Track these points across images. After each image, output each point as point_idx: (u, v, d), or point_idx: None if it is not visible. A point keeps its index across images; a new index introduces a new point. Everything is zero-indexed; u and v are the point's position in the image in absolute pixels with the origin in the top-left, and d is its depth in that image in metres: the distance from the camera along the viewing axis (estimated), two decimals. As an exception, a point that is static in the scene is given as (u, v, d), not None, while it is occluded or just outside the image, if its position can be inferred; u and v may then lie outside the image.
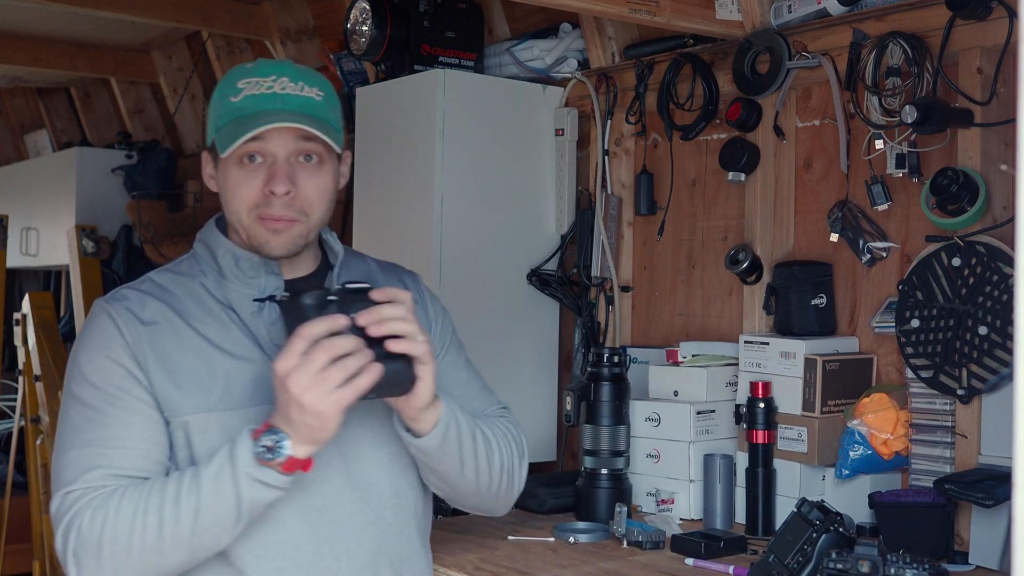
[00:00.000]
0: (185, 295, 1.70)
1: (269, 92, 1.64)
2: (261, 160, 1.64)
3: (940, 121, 2.17)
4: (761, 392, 2.42)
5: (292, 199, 1.65)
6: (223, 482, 1.51)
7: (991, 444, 2.15)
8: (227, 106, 1.65)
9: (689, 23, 2.61)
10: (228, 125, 1.64)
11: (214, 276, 1.71)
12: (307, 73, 1.70)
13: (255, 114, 1.62)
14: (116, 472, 1.57)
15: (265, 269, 1.70)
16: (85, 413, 1.61)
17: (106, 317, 1.66)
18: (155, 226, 4.88)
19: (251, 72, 1.67)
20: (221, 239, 1.73)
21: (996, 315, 2.13)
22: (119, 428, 1.59)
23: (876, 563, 1.69)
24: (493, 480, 1.77)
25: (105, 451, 1.58)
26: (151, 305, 1.68)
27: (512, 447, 1.81)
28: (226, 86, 1.68)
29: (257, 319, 1.68)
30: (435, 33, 3.09)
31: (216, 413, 1.62)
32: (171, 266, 1.78)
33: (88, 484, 1.56)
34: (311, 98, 1.66)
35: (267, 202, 1.64)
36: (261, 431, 1.51)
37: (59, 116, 6.19)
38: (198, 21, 4.27)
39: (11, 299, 5.39)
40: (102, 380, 1.62)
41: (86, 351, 1.65)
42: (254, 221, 1.65)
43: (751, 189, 2.69)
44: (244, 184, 1.65)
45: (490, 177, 2.99)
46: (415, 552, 1.75)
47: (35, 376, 4.73)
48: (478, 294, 2.95)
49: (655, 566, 2.15)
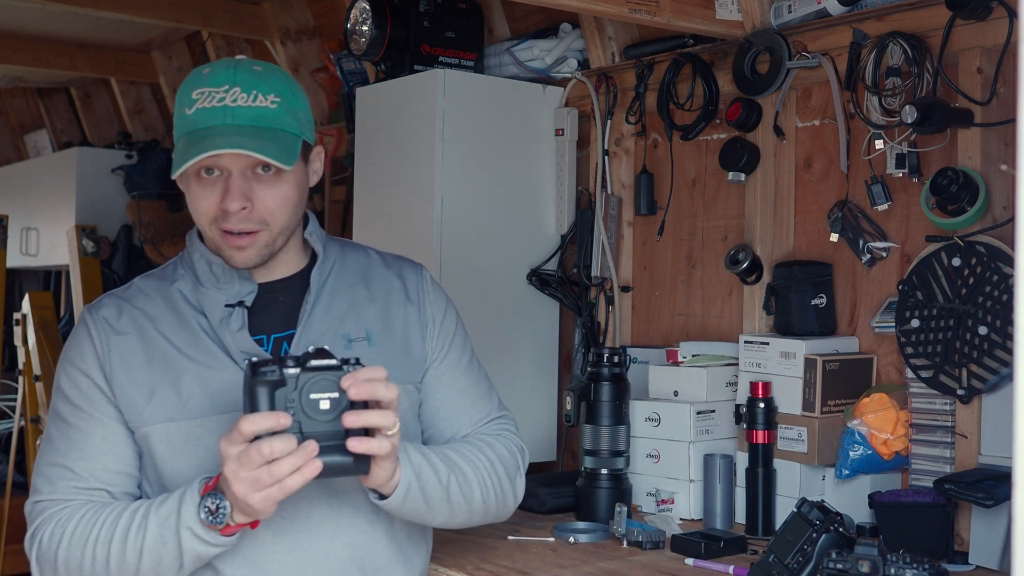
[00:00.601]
0: (162, 300, 1.72)
1: (220, 105, 1.60)
2: (218, 173, 1.63)
3: (940, 121, 2.17)
4: (761, 392, 2.42)
5: (249, 213, 1.63)
6: (167, 530, 1.53)
7: (991, 444, 2.14)
8: (182, 118, 1.64)
9: (689, 23, 2.61)
10: (182, 139, 1.63)
11: (191, 281, 1.72)
12: (263, 78, 1.64)
13: (205, 130, 1.59)
14: (78, 484, 1.62)
15: (238, 275, 1.70)
16: (57, 424, 1.68)
17: (83, 327, 1.70)
18: (155, 226, 4.88)
19: (206, 80, 1.63)
20: (198, 244, 1.74)
21: (996, 315, 2.13)
22: (81, 440, 1.64)
23: (876, 563, 1.69)
24: (474, 512, 1.75)
25: (69, 463, 1.63)
26: (126, 313, 1.70)
27: (500, 471, 1.77)
28: (183, 94, 1.65)
29: (224, 326, 1.67)
30: (435, 33, 3.09)
31: (179, 423, 1.63)
32: (158, 270, 1.80)
33: (53, 496, 1.62)
34: (264, 108, 1.61)
35: (224, 216, 1.63)
36: (210, 488, 1.51)
37: (59, 116, 6.19)
38: (198, 21, 4.28)
39: (11, 299, 5.38)
40: (72, 392, 1.67)
41: (63, 363, 1.70)
42: (217, 234, 1.65)
43: (751, 189, 2.69)
44: (202, 198, 1.64)
45: (490, 177, 2.99)
46: (393, 560, 1.72)
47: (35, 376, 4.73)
48: (478, 294, 2.95)
49: (655, 566, 2.15)
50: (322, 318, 1.73)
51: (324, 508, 1.66)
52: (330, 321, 1.73)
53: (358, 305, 1.77)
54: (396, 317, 1.79)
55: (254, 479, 1.44)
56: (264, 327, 1.71)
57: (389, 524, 1.71)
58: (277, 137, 1.61)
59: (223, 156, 1.59)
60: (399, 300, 1.81)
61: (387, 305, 1.79)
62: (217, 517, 1.49)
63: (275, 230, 1.66)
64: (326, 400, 1.46)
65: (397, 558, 1.73)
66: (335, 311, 1.74)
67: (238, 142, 1.57)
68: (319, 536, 1.65)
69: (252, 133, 1.59)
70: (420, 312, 1.81)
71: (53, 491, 1.63)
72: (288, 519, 1.64)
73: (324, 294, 1.75)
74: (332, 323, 1.73)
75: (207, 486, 1.52)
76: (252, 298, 1.70)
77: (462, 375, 1.84)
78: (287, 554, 1.64)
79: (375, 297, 1.79)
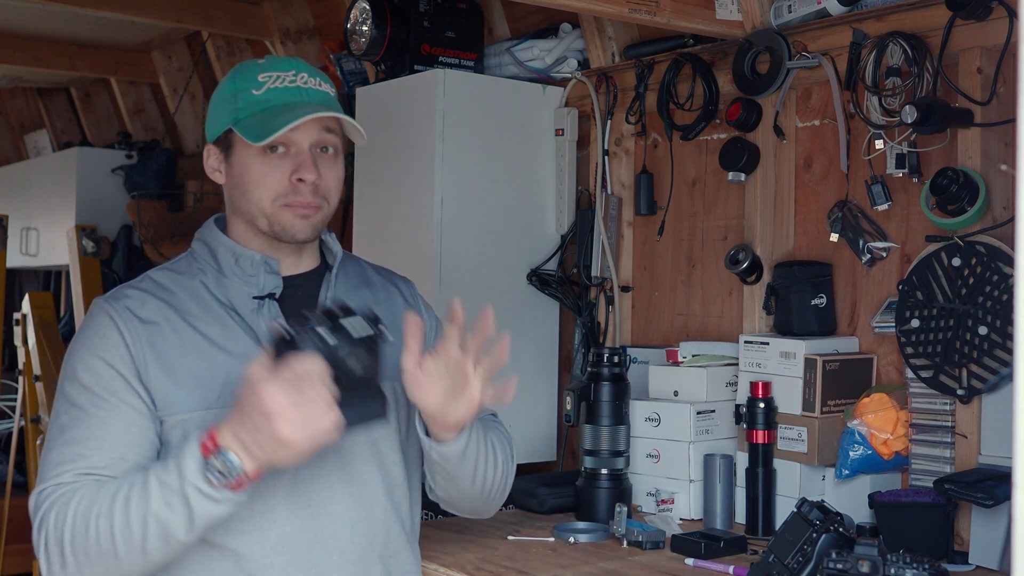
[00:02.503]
0: (185, 293, 1.71)
1: (293, 86, 1.70)
2: (283, 150, 1.69)
3: (940, 121, 2.17)
4: (761, 392, 2.42)
5: (317, 187, 1.70)
6: (171, 494, 1.50)
7: (991, 444, 2.15)
8: (248, 98, 1.69)
9: (689, 23, 2.61)
10: (254, 116, 1.68)
11: (214, 274, 1.73)
12: (317, 70, 1.77)
13: (285, 106, 1.67)
14: (89, 472, 1.59)
15: (265, 268, 1.72)
16: (71, 412, 1.63)
17: (105, 317, 1.67)
18: (155, 226, 4.89)
19: (268, 67, 1.72)
20: (221, 237, 1.75)
21: (996, 315, 2.13)
22: (100, 429, 1.61)
23: (876, 563, 1.69)
24: (496, 486, 1.80)
25: (83, 451, 1.60)
26: (151, 304, 1.69)
27: (508, 453, 1.84)
28: (243, 80, 1.72)
29: (257, 316, 1.69)
30: (435, 33, 3.09)
31: (215, 411, 1.63)
32: (169, 264, 1.79)
33: (59, 481, 1.58)
34: (328, 93, 1.74)
35: (295, 190, 1.69)
36: (210, 449, 1.49)
37: (59, 116, 6.19)
38: (198, 21, 4.27)
39: (11, 299, 5.39)
40: (91, 381, 1.64)
41: (80, 351, 1.67)
42: (279, 209, 1.70)
43: (751, 189, 2.69)
44: (270, 174, 1.69)
45: (490, 177, 2.99)
46: (403, 548, 1.76)
47: (35, 376, 4.73)
48: (478, 294, 2.94)
49: (655, 566, 2.15)
50: None
51: (346, 497, 1.68)
52: None
53: (366, 304, 1.79)
54: (399, 318, 1.81)
55: (307, 417, 1.45)
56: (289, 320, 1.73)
57: (401, 513, 1.76)
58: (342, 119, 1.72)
59: (298, 131, 1.67)
60: (399, 303, 1.87)
61: (391, 306, 1.85)
62: (228, 474, 1.47)
63: (330, 208, 1.75)
64: (358, 364, 1.53)
65: (407, 546, 1.78)
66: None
67: (325, 111, 1.68)
68: (342, 524, 1.68)
69: (330, 109, 1.69)
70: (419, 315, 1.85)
71: (60, 476, 1.59)
72: (312, 507, 1.66)
73: (338, 291, 1.80)
74: None
75: (204, 445, 1.50)
76: (280, 291, 1.73)
77: None
78: (313, 541, 1.66)
79: (378, 299, 1.84)
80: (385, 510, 1.73)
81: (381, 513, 1.72)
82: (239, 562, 1.63)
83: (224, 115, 1.72)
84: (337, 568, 1.67)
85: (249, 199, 1.70)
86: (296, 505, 1.65)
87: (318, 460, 1.65)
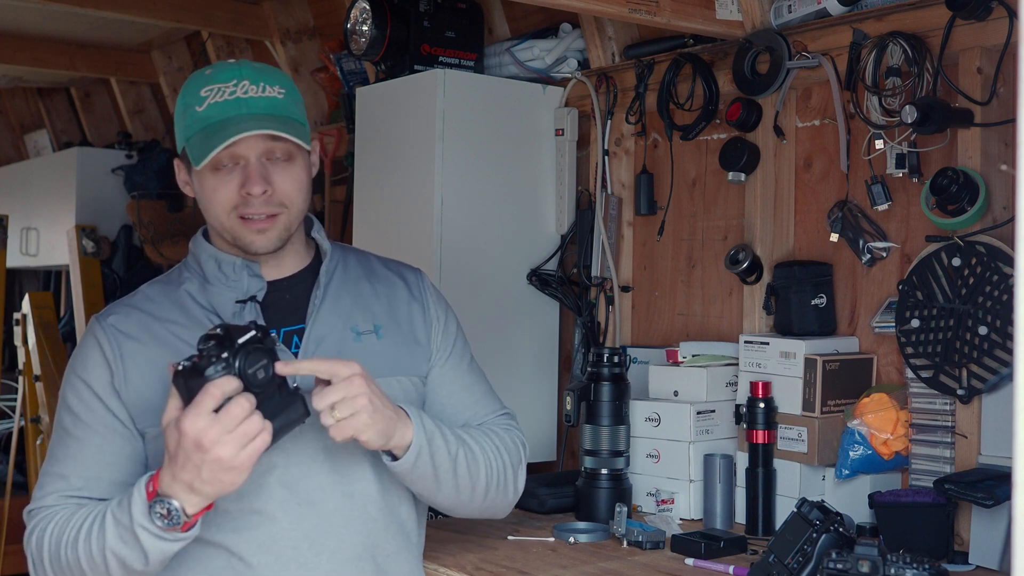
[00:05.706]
0: (170, 303, 1.74)
1: (232, 98, 1.66)
2: (234, 164, 1.68)
3: (940, 121, 2.17)
4: (761, 392, 2.42)
5: (269, 197, 1.68)
6: (124, 531, 1.53)
7: (991, 444, 2.14)
8: (192, 116, 1.68)
9: (689, 23, 2.61)
10: (197, 136, 1.66)
11: (199, 282, 1.75)
12: (266, 72, 1.71)
13: (222, 122, 1.64)
14: (70, 494, 1.65)
15: (247, 271, 1.74)
16: (58, 432, 1.71)
17: (91, 336, 1.72)
18: (155, 226, 4.89)
19: (211, 79, 1.68)
20: (204, 245, 1.78)
21: (996, 315, 2.13)
22: (78, 450, 1.66)
23: (876, 563, 1.69)
24: (476, 494, 1.79)
25: (64, 471, 1.66)
26: (134, 317, 1.73)
27: (505, 458, 1.82)
28: (188, 95, 1.70)
29: (239, 320, 1.70)
30: (435, 33, 3.09)
31: None
32: (162, 277, 1.83)
33: (43, 503, 1.65)
34: (274, 98, 1.68)
35: (245, 202, 1.67)
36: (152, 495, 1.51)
37: (59, 116, 6.19)
38: (198, 21, 4.28)
39: (11, 299, 5.39)
40: (74, 402, 1.69)
41: (69, 372, 1.73)
42: (236, 223, 1.69)
43: (751, 189, 2.69)
44: (220, 189, 1.68)
45: (490, 177, 2.99)
46: (402, 547, 1.76)
47: (35, 376, 4.74)
48: (478, 294, 2.95)
49: (655, 566, 2.15)
50: (330, 312, 1.77)
51: (339, 496, 1.69)
52: (338, 315, 1.78)
53: (364, 300, 1.82)
54: (401, 312, 1.84)
55: (241, 435, 1.46)
56: (274, 322, 1.74)
57: (399, 512, 1.76)
58: (290, 122, 1.68)
59: (241, 144, 1.64)
60: (403, 297, 1.86)
61: (392, 301, 1.84)
62: (171, 520, 1.50)
63: (293, 212, 1.72)
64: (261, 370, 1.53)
65: (405, 546, 1.78)
66: (342, 306, 1.79)
67: (262, 125, 1.64)
68: (334, 523, 1.68)
69: (268, 119, 1.65)
70: (424, 310, 1.87)
71: (45, 499, 1.66)
72: (303, 507, 1.67)
73: (331, 289, 1.79)
74: (340, 317, 1.78)
75: (149, 492, 1.52)
76: (263, 294, 1.74)
77: (465, 373, 1.89)
78: (302, 540, 1.67)
79: (379, 294, 1.84)
80: (380, 509, 1.73)
81: (375, 512, 1.72)
82: (230, 559, 1.66)
83: (179, 132, 1.73)
84: (328, 567, 1.68)
85: (209, 214, 1.72)
86: (287, 504, 1.66)
87: (309, 460, 1.66)
